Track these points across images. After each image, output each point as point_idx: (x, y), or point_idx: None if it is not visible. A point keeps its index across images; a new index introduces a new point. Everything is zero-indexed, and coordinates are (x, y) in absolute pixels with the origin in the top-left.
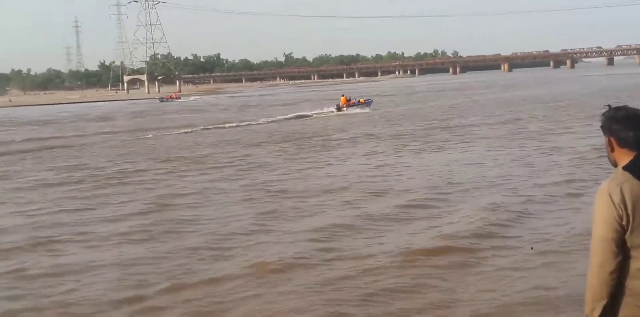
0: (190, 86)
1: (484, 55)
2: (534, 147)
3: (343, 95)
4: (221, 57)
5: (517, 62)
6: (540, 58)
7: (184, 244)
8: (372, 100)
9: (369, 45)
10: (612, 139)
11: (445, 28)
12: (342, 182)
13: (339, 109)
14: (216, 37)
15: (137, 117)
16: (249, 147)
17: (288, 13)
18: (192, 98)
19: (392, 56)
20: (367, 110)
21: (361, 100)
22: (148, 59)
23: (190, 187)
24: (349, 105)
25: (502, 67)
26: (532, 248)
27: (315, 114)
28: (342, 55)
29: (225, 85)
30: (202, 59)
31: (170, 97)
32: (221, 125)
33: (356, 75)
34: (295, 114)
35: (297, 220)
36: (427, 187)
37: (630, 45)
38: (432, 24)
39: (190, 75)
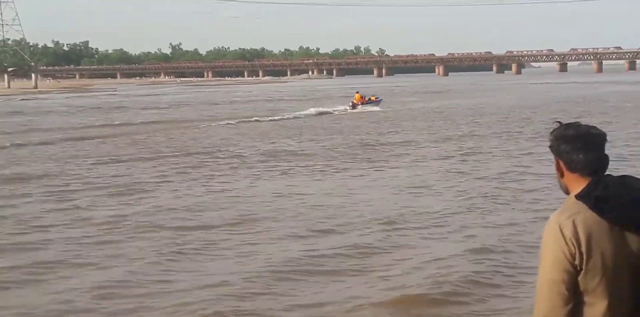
0: (50, 81)
1: (415, 55)
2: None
3: (357, 92)
4: (90, 46)
5: (454, 64)
6: (481, 61)
7: None
8: (381, 99)
9: (277, 38)
10: (561, 162)
11: (370, 21)
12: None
13: (353, 106)
14: (84, 21)
15: None
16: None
17: None
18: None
19: (305, 52)
20: (377, 108)
21: (372, 98)
22: None
23: None
24: (363, 103)
25: (437, 70)
26: None
27: (333, 111)
28: (244, 49)
29: (95, 81)
30: (65, 48)
31: None
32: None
33: (260, 73)
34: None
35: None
36: (370, 222)
37: (586, 49)
38: (355, 15)
39: (50, 68)
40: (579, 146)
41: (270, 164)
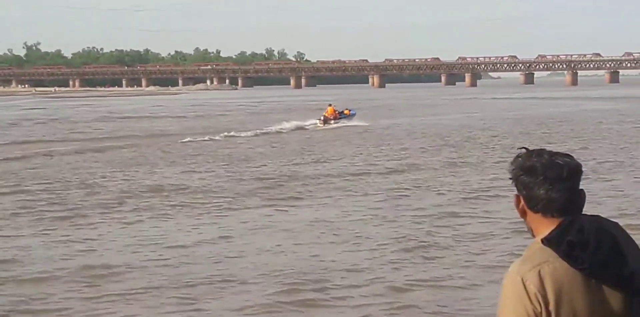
0: None
1: (344, 61)
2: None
3: (330, 105)
4: None
5: (392, 73)
6: (426, 69)
7: None
8: (355, 113)
9: (165, 37)
10: (522, 198)
11: (287, 17)
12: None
13: (325, 121)
14: None
15: None
16: None
17: None
18: None
19: (202, 56)
20: (359, 123)
21: (345, 111)
22: None
23: None
24: (335, 118)
25: (371, 80)
26: None
27: (304, 125)
28: (122, 51)
29: None
30: None
31: None
32: None
33: (143, 83)
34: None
35: None
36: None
37: (557, 56)
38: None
39: None
40: (540, 180)
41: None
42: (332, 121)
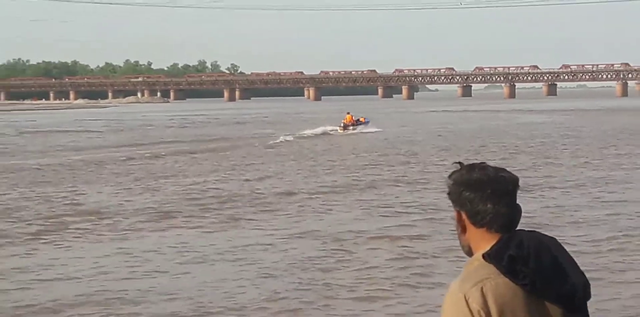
0: None
1: (279, 73)
2: None
3: (349, 113)
4: None
5: (328, 86)
6: (363, 82)
7: None
8: (369, 121)
9: (94, 48)
10: (463, 214)
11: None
12: None
13: (345, 127)
14: None
15: None
16: None
17: None
18: None
19: (132, 68)
20: (373, 129)
21: (361, 119)
22: None
23: None
24: (353, 124)
25: (306, 93)
26: None
27: (317, 132)
28: (49, 63)
29: None
30: None
31: None
32: None
33: (71, 95)
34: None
35: None
36: None
37: (494, 68)
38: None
39: None
40: (487, 194)
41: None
42: (351, 127)
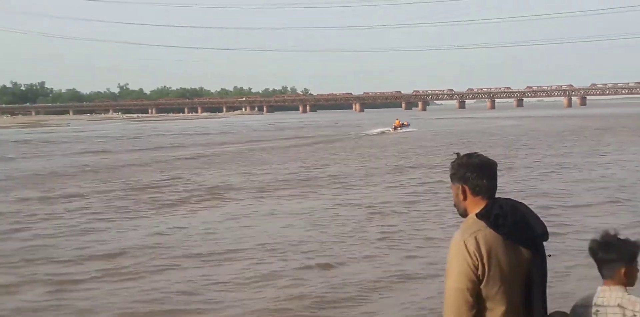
0: (6, 117)
1: (335, 94)
2: None
3: (397, 119)
4: (46, 85)
5: (368, 102)
6: (392, 99)
7: None
8: (410, 124)
9: (214, 79)
10: (466, 187)
11: (296, 64)
12: None
13: (395, 128)
14: (40, 63)
15: None
16: None
17: (123, 39)
18: None
19: (239, 91)
20: (412, 129)
21: (405, 123)
22: None
23: None
24: (401, 126)
25: (354, 106)
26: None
27: (377, 132)
28: (184, 89)
29: (49, 117)
30: (22, 88)
31: None
32: None
33: (199, 110)
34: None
35: None
36: None
37: (481, 89)
38: (283, 59)
39: (7, 106)
40: (483, 173)
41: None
42: (399, 128)
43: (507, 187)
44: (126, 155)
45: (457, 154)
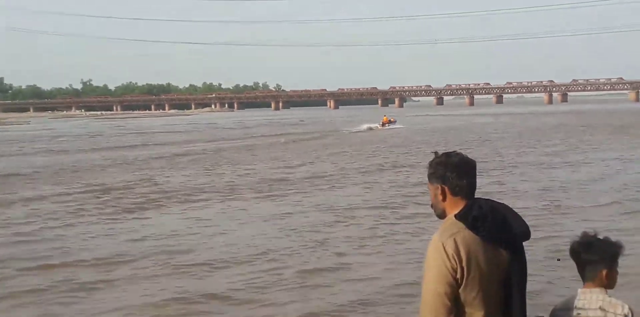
0: None
1: (309, 90)
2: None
3: (385, 116)
4: (5, 82)
5: (343, 98)
6: (367, 95)
7: None
8: (396, 121)
9: (182, 74)
10: (446, 188)
11: (267, 59)
12: None
13: (383, 125)
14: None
15: None
16: None
17: (87, 33)
18: None
19: (208, 88)
20: (399, 126)
21: (392, 119)
22: None
23: None
24: (389, 123)
25: (328, 103)
26: (558, 259)
27: (365, 128)
28: (151, 85)
29: (8, 114)
30: None
31: None
32: None
33: (166, 107)
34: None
35: None
36: None
37: (459, 85)
38: (253, 54)
39: None
40: (463, 172)
41: None
42: (387, 125)
43: (487, 187)
44: (87, 155)
45: (436, 152)
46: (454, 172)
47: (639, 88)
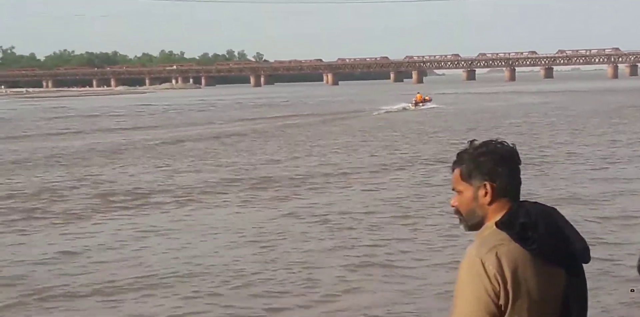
0: None
1: (300, 61)
2: None
3: (419, 93)
4: None
5: (344, 72)
6: (376, 67)
7: None
8: (431, 99)
9: (132, 40)
10: (495, 186)
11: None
12: None
13: (416, 104)
14: None
15: None
16: None
17: None
18: None
19: (167, 57)
20: (434, 105)
21: (427, 97)
22: None
23: None
24: (423, 101)
25: (325, 78)
26: (632, 290)
27: (395, 109)
28: (92, 53)
29: None
30: None
31: None
32: None
33: (113, 83)
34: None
35: None
36: None
37: (496, 54)
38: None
39: None
40: (513, 167)
41: None
42: (421, 104)
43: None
44: (5, 145)
45: (471, 142)
46: (506, 166)
47: None
